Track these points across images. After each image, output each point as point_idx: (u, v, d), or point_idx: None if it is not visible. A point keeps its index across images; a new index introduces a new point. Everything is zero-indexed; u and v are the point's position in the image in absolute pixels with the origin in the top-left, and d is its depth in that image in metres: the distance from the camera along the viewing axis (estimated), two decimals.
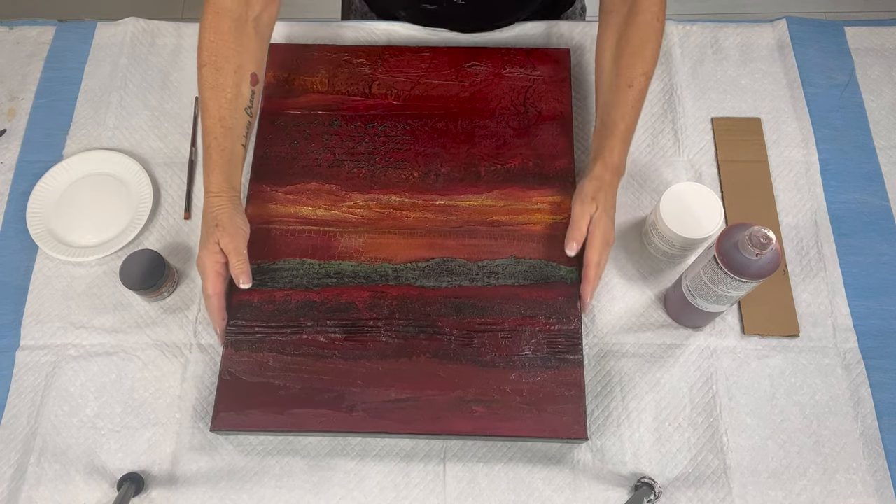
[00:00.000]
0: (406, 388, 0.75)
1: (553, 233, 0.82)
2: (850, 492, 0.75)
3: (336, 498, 0.74)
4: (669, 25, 0.99)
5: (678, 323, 0.82)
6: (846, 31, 1.00)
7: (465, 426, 0.73)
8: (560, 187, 0.85)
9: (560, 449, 0.76)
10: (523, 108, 0.89)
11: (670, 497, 0.74)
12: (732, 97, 0.95)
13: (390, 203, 0.84)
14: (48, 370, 0.80)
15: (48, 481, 0.75)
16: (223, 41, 0.77)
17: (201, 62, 0.77)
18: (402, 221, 0.83)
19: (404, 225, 0.83)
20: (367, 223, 0.83)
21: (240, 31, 0.78)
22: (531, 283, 0.80)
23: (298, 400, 0.74)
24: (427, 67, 0.92)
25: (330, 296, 0.79)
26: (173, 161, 0.92)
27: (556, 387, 0.75)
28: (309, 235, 0.82)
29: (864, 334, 0.82)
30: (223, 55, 0.77)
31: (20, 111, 0.95)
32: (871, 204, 0.89)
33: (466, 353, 0.76)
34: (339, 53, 0.93)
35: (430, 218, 0.83)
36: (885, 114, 0.94)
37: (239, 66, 0.78)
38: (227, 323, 0.77)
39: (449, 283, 0.80)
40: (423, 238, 0.82)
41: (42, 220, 0.87)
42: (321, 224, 0.83)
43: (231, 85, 0.77)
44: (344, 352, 0.77)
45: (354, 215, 0.83)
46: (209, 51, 0.77)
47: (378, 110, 0.90)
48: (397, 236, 0.82)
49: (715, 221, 0.77)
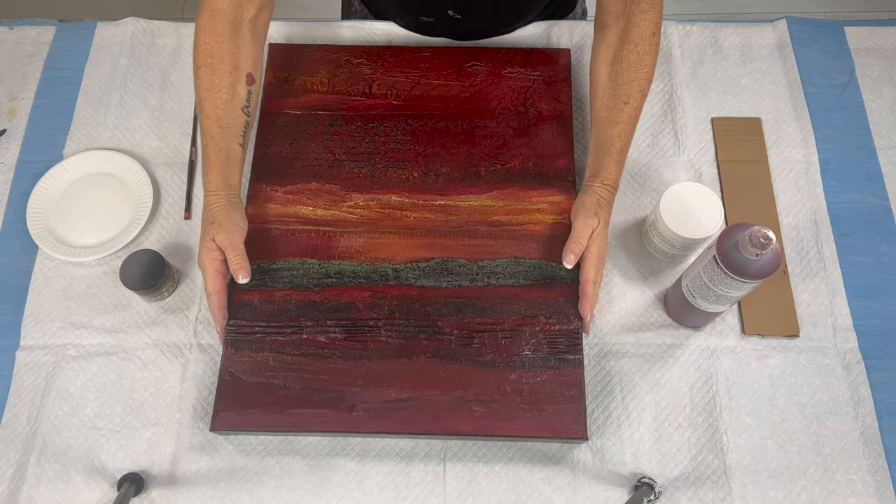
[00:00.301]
0: (406, 388, 0.75)
1: (553, 233, 0.82)
2: (850, 492, 0.75)
3: (336, 498, 0.74)
4: (669, 26, 0.99)
5: (678, 323, 0.82)
6: (846, 31, 1.00)
7: (465, 426, 0.73)
8: (560, 187, 0.85)
9: (560, 449, 0.76)
10: (523, 108, 0.89)
11: (670, 497, 0.74)
12: (732, 97, 0.95)
13: (390, 203, 0.84)
14: (48, 370, 0.80)
15: (48, 481, 0.75)
16: (218, 43, 0.77)
17: (197, 64, 0.77)
18: (402, 221, 0.83)
19: (404, 225, 0.83)
20: (367, 223, 0.83)
21: (235, 33, 0.78)
22: (531, 283, 0.80)
23: (298, 400, 0.74)
24: (427, 67, 0.92)
25: (330, 296, 0.79)
26: (173, 161, 0.92)
27: (556, 387, 0.74)
28: (309, 235, 0.82)
29: (864, 334, 0.82)
30: (218, 56, 0.77)
31: (20, 111, 0.95)
32: (871, 204, 0.89)
33: (466, 353, 0.76)
34: (340, 53, 0.93)
35: (430, 218, 0.83)
36: (885, 114, 0.94)
37: (234, 66, 0.78)
38: (227, 321, 0.77)
39: (449, 283, 0.80)
40: (423, 238, 0.82)
41: (42, 220, 0.87)
42: (321, 224, 0.83)
43: (227, 85, 0.77)
44: (344, 352, 0.76)
45: (354, 215, 0.83)
46: (204, 53, 0.77)
47: (378, 110, 0.90)
48: (397, 236, 0.82)
49: (715, 221, 0.77)
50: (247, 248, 0.79)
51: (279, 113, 0.89)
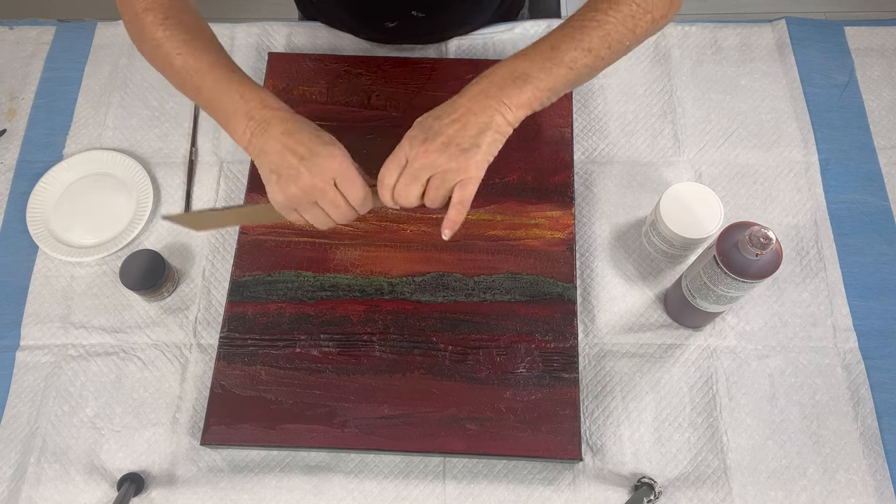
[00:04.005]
0: (399, 404, 0.74)
1: (551, 249, 0.81)
2: (850, 492, 0.75)
3: (336, 499, 0.74)
4: (669, 26, 0.99)
5: (678, 323, 0.82)
6: (846, 31, 1.00)
7: (459, 444, 0.72)
8: (559, 202, 0.84)
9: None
10: (522, 121, 0.89)
11: (670, 497, 0.74)
12: (732, 97, 0.95)
13: (387, 216, 0.83)
14: (48, 370, 0.80)
15: (48, 481, 0.75)
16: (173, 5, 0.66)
17: (157, 22, 0.64)
18: (399, 234, 0.82)
19: (401, 238, 0.82)
20: (364, 235, 0.82)
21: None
22: (527, 299, 0.79)
23: (290, 415, 0.74)
24: (427, 79, 0.91)
25: (324, 309, 0.79)
26: (173, 161, 0.91)
27: (550, 406, 0.74)
28: (304, 247, 0.82)
29: (864, 334, 0.82)
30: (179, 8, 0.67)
31: (20, 111, 0.95)
32: (871, 204, 0.89)
33: (461, 370, 0.76)
34: (339, 63, 0.92)
35: (427, 231, 0.82)
36: (885, 114, 0.94)
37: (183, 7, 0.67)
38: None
39: (444, 297, 0.79)
40: (419, 252, 0.81)
41: (42, 220, 0.87)
42: (317, 236, 0.82)
43: (191, 19, 0.67)
44: (337, 366, 0.76)
45: (351, 227, 0.82)
46: (164, 12, 0.65)
47: (377, 121, 0.89)
48: (393, 249, 0.81)
49: (715, 221, 0.77)
50: (240, 259, 0.78)
51: None
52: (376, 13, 0.93)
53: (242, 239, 0.82)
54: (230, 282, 0.80)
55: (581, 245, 0.86)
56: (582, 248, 0.86)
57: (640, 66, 0.97)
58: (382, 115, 0.89)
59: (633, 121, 0.93)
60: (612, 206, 0.88)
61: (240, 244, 0.82)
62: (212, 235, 0.87)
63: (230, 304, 0.79)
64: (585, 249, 0.86)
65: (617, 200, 0.88)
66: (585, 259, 0.85)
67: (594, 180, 0.89)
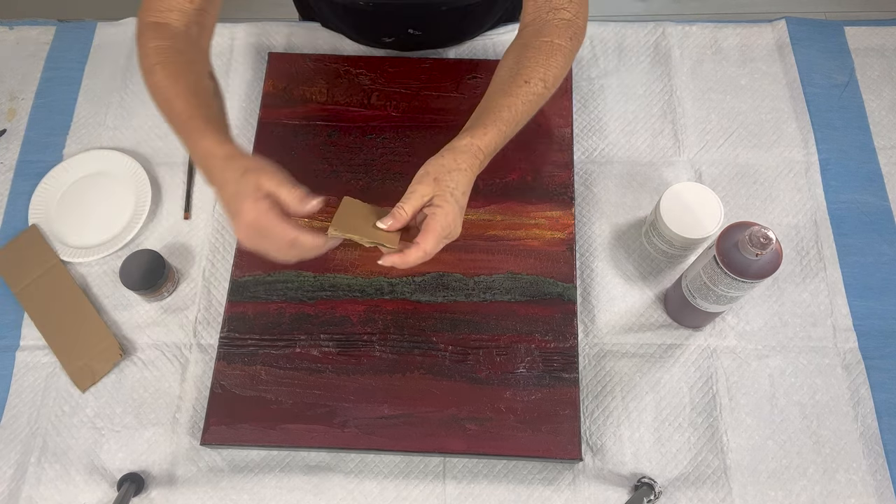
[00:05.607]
0: (399, 404, 0.74)
1: (551, 249, 0.81)
2: (850, 492, 0.75)
3: (336, 499, 0.74)
4: (669, 26, 0.99)
5: (678, 323, 0.82)
6: (846, 31, 1.00)
7: (459, 444, 0.72)
8: (559, 202, 0.84)
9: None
10: None
11: (670, 497, 0.74)
12: (732, 97, 0.95)
13: None
14: (48, 370, 0.80)
15: (48, 481, 0.75)
16: (172, 47, 0.69)
17: (150, 63, 0.68)
18: None
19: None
20: None
21: (187, 42, 0.70)
22: (527, 299, 0.79)
23: (290, 415, 0.74)
24: (427, 79, 0.91)
25: (324, 309, 0.79)
26: (173, 161, 0.91)
27: (550, 406, 0.74)
28: None
29: (864, 334, 0.82)
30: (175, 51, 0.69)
31: (20, 111, 0.95)
32: (871, 204, 0.89)
33: (461, 370, 0.76)
34: (339, 64, 0.93)
35: None
36: (885, 114, 0.94)
37: (192, 60, 0.70)
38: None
39: (444, 297, 0.79)
40: None
41: (42, 221, 0.87)
42: None
43: (191, 72, 0.68)
44: (337, 366, 0.76)
45: None
46: (157, 52, 0.68)
47: (377, 122, 0.89)
48: None
49: (715, 221, 0.77)
50: (240, 260, 0.77)
51: (277, 123, 0.89)
52: (374, 30, 0.95)
53: None
54: (230, 282, 0.80)
55: (581, 245, 0.86)
56: (582, 248, 0.86)
57: (640, 66, 0.97)
58: (382, 115, 0.89)
59: (633, 121, 0.93)
60: (612, 206, 0.88)
61: (240, 244, 0.82)
62: (212, 235, 0.87)
63: (230, 304, 0.79)
64: (585, 249, 0.86)
65: (617, 200, 0.88)
66: (585, 259, 0.85)
67: (594, 180, 0.89)
